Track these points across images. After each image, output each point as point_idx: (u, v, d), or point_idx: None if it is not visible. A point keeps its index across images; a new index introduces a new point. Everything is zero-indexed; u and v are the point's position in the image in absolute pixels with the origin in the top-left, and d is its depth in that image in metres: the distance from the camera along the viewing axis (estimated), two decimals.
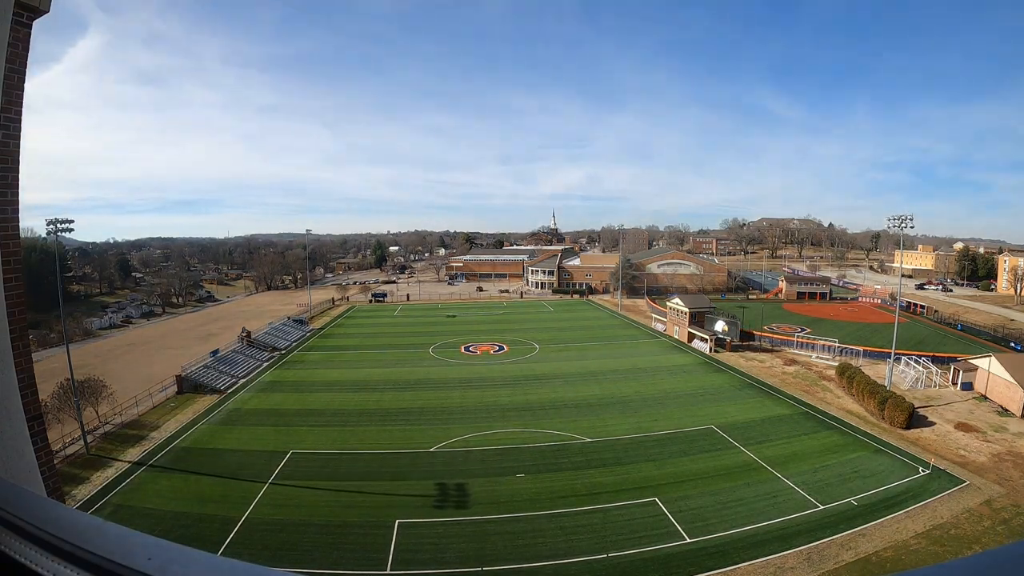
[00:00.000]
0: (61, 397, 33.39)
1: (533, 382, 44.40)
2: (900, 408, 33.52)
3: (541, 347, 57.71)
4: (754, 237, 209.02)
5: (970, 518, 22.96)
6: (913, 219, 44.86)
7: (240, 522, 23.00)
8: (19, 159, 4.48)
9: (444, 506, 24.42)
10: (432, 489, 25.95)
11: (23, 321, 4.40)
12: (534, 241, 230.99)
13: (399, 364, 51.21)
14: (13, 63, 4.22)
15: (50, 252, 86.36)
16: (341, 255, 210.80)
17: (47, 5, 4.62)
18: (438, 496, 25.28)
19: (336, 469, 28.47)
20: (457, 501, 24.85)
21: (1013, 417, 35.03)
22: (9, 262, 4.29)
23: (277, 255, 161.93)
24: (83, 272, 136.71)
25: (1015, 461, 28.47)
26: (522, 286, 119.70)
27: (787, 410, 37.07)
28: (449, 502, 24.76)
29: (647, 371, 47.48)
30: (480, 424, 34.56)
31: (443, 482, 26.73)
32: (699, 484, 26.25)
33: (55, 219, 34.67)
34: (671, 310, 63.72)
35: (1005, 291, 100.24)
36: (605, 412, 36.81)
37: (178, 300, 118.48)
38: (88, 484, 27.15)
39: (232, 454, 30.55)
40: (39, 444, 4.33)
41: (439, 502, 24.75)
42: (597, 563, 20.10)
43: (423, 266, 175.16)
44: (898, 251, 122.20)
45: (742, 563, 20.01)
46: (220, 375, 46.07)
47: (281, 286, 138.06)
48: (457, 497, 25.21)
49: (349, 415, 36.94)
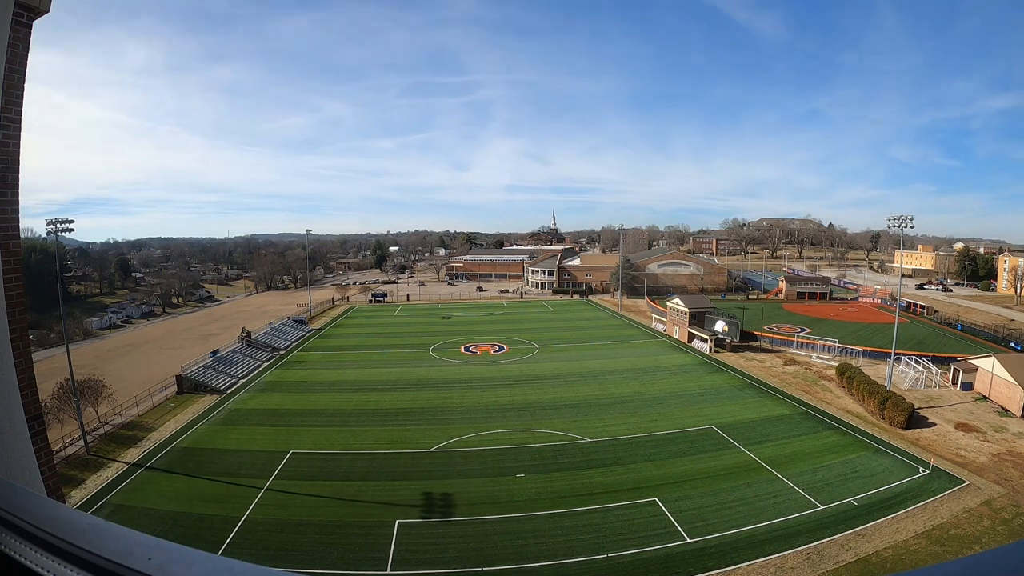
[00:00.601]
0: (61, 397, 33.41)
1: (533, 382, 44.39)
2: (900, 408, 33.52)
3: (541, 347, 57.71)
4: (754, 237, 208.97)
5: (970, 518, 22.95)
6: (913, 219, 44.90)
7: (240, 522, 23.00)
8: (19, 159, 4.48)
9: (444, 506, 24.41)
10: (432, 489, 25.95)
11: (23, 321, 4.40)
12: (534, 241, 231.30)
13: (399, 364, 51.21)
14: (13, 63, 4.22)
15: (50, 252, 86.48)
16: (341, 255, 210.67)
17: (47, 5, 4.62)
18: (438, 496, 25.27)
19: (336, 469, 28.47)
20: (457, 501, 24.83)
21: (1013, 417, 35.03)
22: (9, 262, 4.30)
23: (277, 255, 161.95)
24: (83, 272, 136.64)
25: (1015, 461, 28.47)
26: (522, 286, 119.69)
27: (787, 410, 37.07)
28: (449, 502, 24.75)
29: (647, 371, 47.47)
30: (480, 424, 34.56)
31: (443, 482, 26.75)
32: (699, 484, 26.24)
33: (55, 219, 34.68)
34: (671, 310, 63.72)
35: (1005, 291, 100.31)
36: (605, 412, 36.81)
37: (178, 300, 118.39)
38: (88, 484, 27.17)
39: (232, 454, 30.54)
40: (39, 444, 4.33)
41: (439, 502, 24.75)
42: (597, 563, 20.10)
43: (423, 266, 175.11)
44: (898, 251, 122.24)
45: (742, 563, 20.01)
46: (220, 375, 46.06)
47: (281, 286, 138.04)
48: (457, 497, 25.19)
49: (349, 415, 36.94)
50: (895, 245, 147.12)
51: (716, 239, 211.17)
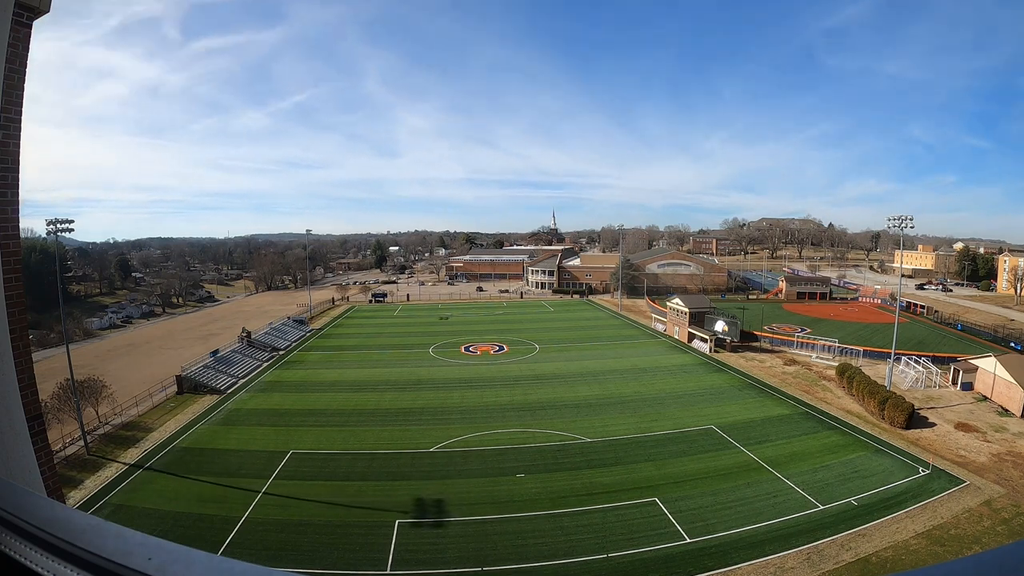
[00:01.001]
0: (61, 397, 33.40)
1: (533, 382, 44.39)
2: (900, 408, 33.52)
3: (541, 347, 57.70)
4: (754, 237, 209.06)
5: (970, 518, 22.96)
6: (913, 219, 44.91)
7: (240, 522, 23.00)
8: (19, 159, 4.48)
9: (444, 506, 24.40)
10: (432, 489, 25.95)
11: (23, 321, 4.40)
12: (534, 241, 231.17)
13: (399, 364, 51.20)
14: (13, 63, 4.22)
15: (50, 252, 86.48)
16: (341, 255, 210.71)
17: (47, 5, 4.62)
18: (438, 496, 25.26)
19: (336, 469, 28.46)
20: (457, 501, 24.83)
21: (1013, 417, 35.02)
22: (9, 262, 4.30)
23: (277, 255, 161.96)
24: (83, 272, 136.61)
25: (1015, 461, 28.47)
26: (522, 286, 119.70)
27: (787, 410, 37.06)
28: (449, 502, 24.73)
29: (647, 371, 47.47)
30: (480, 424, 34.55)
31: (443, 482, 26.75)
32: (699, 484, 26.24)
33: (55, 219, 34.68)
34: (671, 310, 63.71)
35: (1005, 291, 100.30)
36: (605, 412, 36.81)
37: (178, 300, 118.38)
38: (88, 484, 27.17)
39: (232, 454, 30.54)
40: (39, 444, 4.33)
41: (439, 502, 24.73)
42: (597, 563, 20.10)
43: (423, 266, 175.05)
44: (898, 251, 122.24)
45: (742, 563, 20.01)
46: (220, 375, 46.06)
47: (281, 286, 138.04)
48: (457, 497, 25.19)
49: (349, 415, 36.93)
50: (895, 245, 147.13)
51: (716, 239, 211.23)
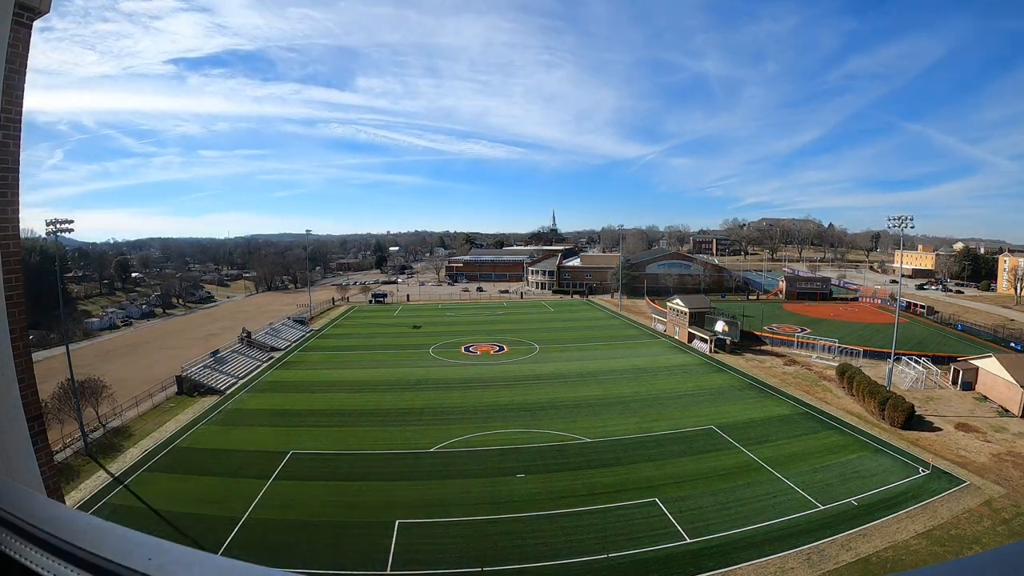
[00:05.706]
0: (61, 397, 33.39)
1: (533, 382, 44.38)
2: (900, 408, 33.51)
3: (541, 347, 57.69)
4: (754, 238, 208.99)
5: (970, 518, 22.95)
6: (913, 219, 44.91)
7: (240, 522, 22.99)
8: (19, 159, 4.48)
9: (444, 506, 24.39)
10: (432, 489, 25.95)
11: (23, 321, 4.40)
12: (534, 241, 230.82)
13: (399, 364, 51.20)
14: (13, 63, 4.22)
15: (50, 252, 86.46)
16: (341, 255, 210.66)
17: (47, 5, 4.62)
18: (438, 496, 25.27)
19: (336, 469, 28.45)
20: (457, 501, 24.82)
21: (1013, 417, 35.02)
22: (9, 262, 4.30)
23: (277, 255, 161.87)
24: (83, 273, 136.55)
25: (1015, 461, 28.47)
26: (522, 286, 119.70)
27: (787, 410, 37.06)
28: (449, 502, 24.73)
29: (647, 371, 47.47)
30: (480, 424, 34.54)
31: (443, 482, 26.75)
32: (699, 484, 26.23)
33: (55, 219, 34.69)
34: (671, 310, 63.71)
35: (1005, 291, 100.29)
36: (605, 412, 36.80)
37: (178, 301, 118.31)
38: (88, 484, 27.17)
39: (232, 454, 30.53)
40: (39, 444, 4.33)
41: (439, 502, 24.73)
42: (597, 563, 20.09)
43: (423, 266, 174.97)
44: (898, 251, 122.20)
45: (742, 563, 20.01)
46: (220, 375, 46.05)
47: (281, 287, 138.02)
48: (457, 497, 25.19)
49: (349, 415, 36.93)
50: (895, 245, 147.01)
51: (716, 239, 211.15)
